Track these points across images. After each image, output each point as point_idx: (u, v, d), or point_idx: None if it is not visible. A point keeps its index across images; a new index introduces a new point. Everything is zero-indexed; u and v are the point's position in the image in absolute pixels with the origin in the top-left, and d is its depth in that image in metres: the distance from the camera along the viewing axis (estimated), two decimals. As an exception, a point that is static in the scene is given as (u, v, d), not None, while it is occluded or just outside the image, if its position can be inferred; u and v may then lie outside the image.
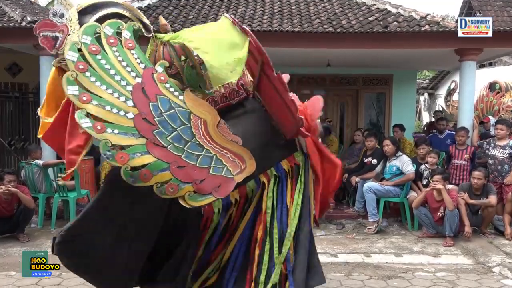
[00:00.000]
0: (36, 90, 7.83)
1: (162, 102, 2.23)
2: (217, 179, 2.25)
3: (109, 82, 2.16)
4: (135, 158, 2.05)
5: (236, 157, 2.36)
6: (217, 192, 2.24)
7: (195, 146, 2.25)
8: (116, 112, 2.11)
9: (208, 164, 2.25)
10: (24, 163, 6.18)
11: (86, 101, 2.07)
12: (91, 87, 2.10)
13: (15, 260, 4.65)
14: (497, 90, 9.38)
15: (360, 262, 4.65)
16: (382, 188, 5.96)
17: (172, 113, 2.24)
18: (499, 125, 6.14)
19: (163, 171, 2.10)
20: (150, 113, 2.18)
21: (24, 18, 6.65)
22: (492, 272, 4.43)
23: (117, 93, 2.15)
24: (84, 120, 2.04)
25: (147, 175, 2.06)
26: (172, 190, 2.11)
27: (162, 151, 2.14)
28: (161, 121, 2.18)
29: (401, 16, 6.95)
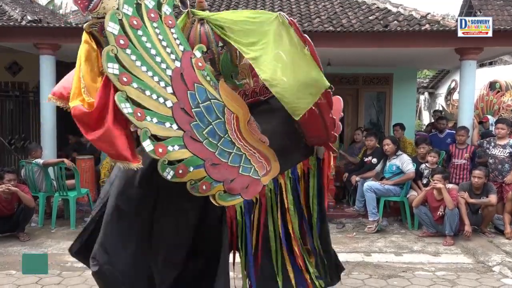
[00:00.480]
0: (36, 89, 7.83)
1: (199, 92, 2.08)
2: (246, 179, 2.18)
3: (149, 63, 1.96)
4: (173, 151, 1.93)
5: (263, 158, 2.30)
6: (245, 193, 2.17)
7: (227, 143, 2.14)
8: (156, 98, 1.94)
9: (238, 163, 2.16)
10: (24, 162, 6.18)
11: (126, 82, 1.87)
12: (131, 67, 1.90)
13: (15, 259, 4.66)
14: (497, 89, 9.38)
15: (360, 261, 4.65)
16: (382, 187, 5.96)
17: (208, 105, 2.10)
18: (500, 124, 6.14)
19: (198, 168, 2.00)
20: (188, 103, 2.03)
21: (24, 17, 6.65)
22: (492, 271, 4.43)
23: (157, 76, 1.97)
24: (124, 104, 1.85)
25: (183, 171, 1.95)
26: (205, 188, 2.02)
27: (198, 147, 2.02)
28: (198, 112, 2.05)
29: (401, 15, 6.94)
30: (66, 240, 5.36)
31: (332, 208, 6.64)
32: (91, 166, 7.00)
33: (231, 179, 2.12)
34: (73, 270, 4.37)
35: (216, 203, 2.08)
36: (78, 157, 7.00)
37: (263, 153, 2.31)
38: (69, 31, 6.57)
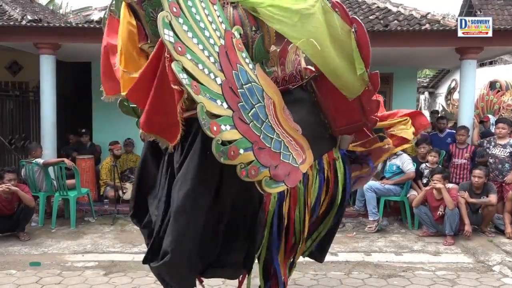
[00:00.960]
0: (36, 89, 7.83)
1: (242, 73, 2.01)
2: (287, 167, 2.11)
3: (199, 36, 1.88)
4: (225, 131, 1.85)
5: (298, 146, 2.24)
6: (288, 180, 2.10)
7: (268, 128, 2.08)
8: (208, 73, 1.86)
9: (279, 150, 2.09)
10: (24, 162, 6.19)
11: (181, 52, 1.78)
12: (184, 37, 1.82)
13: (15, 259, 4.66)
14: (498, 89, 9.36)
15: (360, 261, 4.65)
16: (383, 187, 5.96)
17: (250, 87, 2.03)
18: (500, 124, 6.14)
19: (247, 151, 1.92)
20: (234, 83, 1.95)
21: (24, 16, 6.65)
22: (492, 270, 4.43)
23: (207, 51, 1.89)
24: (182, 74, 1.75)
25: (234, 153, 1.86)
26: (253, 173, 1.94)
27: (246, 128, 1.94)
28: (242, 93, 1.98)
29: (401, 15, 6.94)
30: (66, 240, 5.37)
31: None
32: (91, 166, 7.01)
33: (275, 165, 2.04)
34: (73, 270, 4.37)
35: (262, 190, 2.00)
36: (78, 157, 7.00)
37: (298, 141, 2.26)
38: (69, 30, 6.57)
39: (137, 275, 4.23)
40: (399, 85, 9.09)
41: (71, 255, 4.84)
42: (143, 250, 4.95)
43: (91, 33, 6.39)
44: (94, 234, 5.64)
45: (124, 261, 4.63)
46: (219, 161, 1.85)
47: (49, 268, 4.42)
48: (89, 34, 6.43)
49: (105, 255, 4.84)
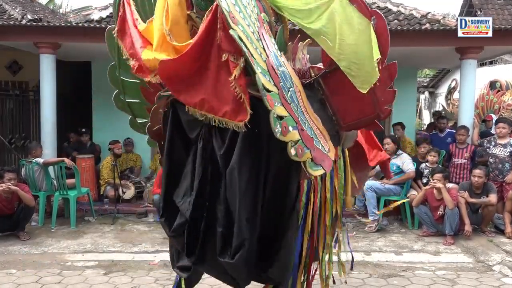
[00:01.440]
0: (36, 88, 7.83)
1: (275, 56, 2.01)
2: (320, 152, 2.10)
3: (244, 12, 1.89)
4: (277, 106, 1.85)
5: (322, 135, 2.24)
6: (324, 164, 2.08)
7: (301, 113, 2.07)
8: (255, 48, 1.84)
9: (311, 135, 2.09)
10: (24, 161, 6.19)
11: (235, 22, 1.78)
12: (233, 10, 1.82)
13: (15, 258, 4.67)
14: (498, 89, 9.37)
15: (360, 261, 4.64)
16: (383, 187, 5.96)
17: (284, 71, 2.03)
18: (501, 123, 6.14)
19: (294, 129, 1.93)
20: (274, 63, 1.95)
21: (24, 16, 6.65)
22: (492, 270, 4.42)
23: (251, 27, 1.89)
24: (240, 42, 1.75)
25: (286, 129, 1.87)
26: (300, 152, 1.94)
27: (290, 108, 1.94)
28: (280, 75, 1.97)
29: (401, 15, 6.94)
30: (66, 239, 5.37)
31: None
32: (92, 165, 7.01)
33: (313, 148, 2.05)
34: (73, 269, 4.37)
35: (307, 171, 2.01)
36: (78, 156, 7.01)
37: (320, 130, 2.26)
38: (69, 30, 6.57)
39: (137, 274, 4.23)
40: (399, 85, 8.92)
41: (71, 254, 4.84)
42: (143, 250, 4.96)
43: (91, 32, 6.39)
44: (94, 233, 5.64)
45: (124, 260, 4.63)
46: (275, 135, 1.84)
47: (49, 267, 4.42)
48: (89, 33, 6.43)
49: (105, 254, 4.84)
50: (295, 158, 1.93)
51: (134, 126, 3.06)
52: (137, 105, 2.90)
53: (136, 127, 3.05)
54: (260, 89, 1.77)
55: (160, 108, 2.54)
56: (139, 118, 2.94)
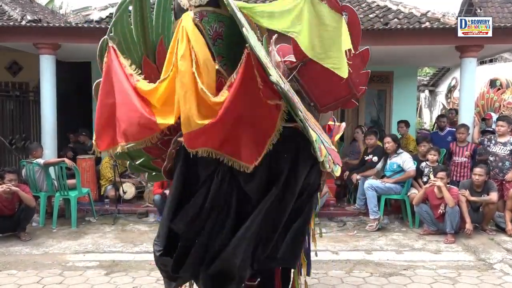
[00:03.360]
0: (36, 89, 7.83)
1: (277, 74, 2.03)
2: (332, 151, 2.19)
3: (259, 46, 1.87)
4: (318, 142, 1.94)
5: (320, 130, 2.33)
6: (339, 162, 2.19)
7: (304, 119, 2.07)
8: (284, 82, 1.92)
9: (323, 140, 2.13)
10: (25, 162, 6.18)
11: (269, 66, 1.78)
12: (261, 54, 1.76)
13: (16, 259, 4.67)
14: (498, 87, 9.37)
15: (361, 260, 4.65)
16: (383, 186, 5.96)
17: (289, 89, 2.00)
18: (500, 121, 6.14)
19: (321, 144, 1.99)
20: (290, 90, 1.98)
21: (24, 17, 6.65)
22: (493, 268, 4.42)
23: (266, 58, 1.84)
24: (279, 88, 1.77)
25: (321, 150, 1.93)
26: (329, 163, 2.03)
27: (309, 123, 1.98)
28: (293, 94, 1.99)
29: (401, 13, 6.93)
30: (67, 240, 5.37)
31: (332, 207, 6.65)
32: (92, 166, 7.01)
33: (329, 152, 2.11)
34: (74, 270, 4.37)
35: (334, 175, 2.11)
36: (79, 156, 7.01)
37: (318, 126, 2.36)
38: (69, 30, 6.57)
39: (138, 274, 4.24)
40: (399, 84, 9.09)
41: (72, 255, 4.84)
42: (144, 250, 4.96)
43: (91, 33, 6.39)
44: (95, 234, 5.65)
45: (125, 260, 4.63)
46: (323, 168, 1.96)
47: (50, 268, 4.42)
48: (89, 34, 6.42)
49: (106, 254, 4.85)
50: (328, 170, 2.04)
51: (134, 169, 2.90)
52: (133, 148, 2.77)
53: (137, 170, 2.90)
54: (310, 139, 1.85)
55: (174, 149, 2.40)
56: (137, 159, 2.76)
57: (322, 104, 2.85)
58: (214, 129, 1.83)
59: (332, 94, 2.80)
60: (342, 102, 2.87)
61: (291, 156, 2.13)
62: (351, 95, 2.77)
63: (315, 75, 2.67)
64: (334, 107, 2.93)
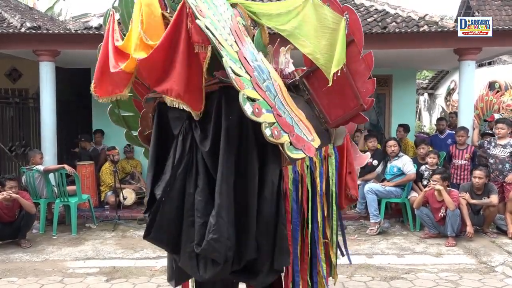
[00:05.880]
0: (36, 96, 7.84)
1: (249, 51, 2.15)
2: (301, 139, 2.20)
3: (214, 9, 2.06)
4: (247, 88, 1.96)
5: (306, 127, 2.33)
6: (305, 149, 2.17)
7: (280, 102, 2.19)
8: (225, 39, 1.99)
9: (291, 123, 2.19)
10: (25, 169, 6.18)
11: (202, 14, 1.93)
12: (202, 6, 1.98)
13: (16, 266, 4.66)
14: (497, 89, 9.40)
15: (363, 264, 4.64)
16: (383, 189, 5.96)
17: (259, 65, 2.16)
18: (500, 124, 6.14)
19: (268, 112, 2.03)
20: (247, 55, 2.09)
21: (23, 24, 6.67)
22: (494, 271, 4.41)
23: (222, 22, 2.04)
24: (206, 30, 1.89)
25: (258, 110, 1.98)
26: (276, 134, 2.04)
27: (264, 94, 2.06)
28: (254, 67, 2.10)
29: (399, 17, 6.96)
30: (67, 246, 5.36)
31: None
32: (92, 172, 7.01)
33: (292, 134, 2.14)
34: (75, 277, 4.36)
35: (285, 153, 2.08)
36: (79, 163, 7.01)
37: (304, 122, 2.34)
38: (68, 37, 6.60)
39: (139, 280, 4.22)
40: (398, 87, 9.10)
41: (73, 261, 4.83)
42: (144, 256, 4.95)
43: (90, 39, 6.41)
44: (95, 240, 5.64)
45: (126, 266, 4.62)
46: (246, 114, 1.93)
47: (50, 275, 4.41)
48: (88, 40, 6.45)
49: (107, 261, 4.84)
50: (271, 138, 2.01)
51: (129, 139, 3.10)
52: (132, 118, 2.94)
53: (131, 140, 3.08)
54: (227, 71, 1.89)
55: (149, 112, 2.60)
56: (134, 130, 2.95)
57: (332, 117, 2.73)
58: (147, 64, 2.12)
59: (339, 106, 2.68)
60: (350, 115, 2.70)
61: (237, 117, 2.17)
62: (358, 106, 2.62)
63: (323, 84, 2.57)
64: (344, 121, 2.77)
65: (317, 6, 2.46)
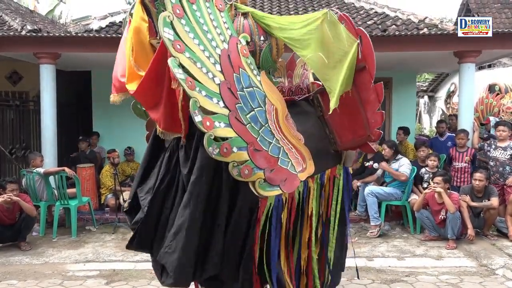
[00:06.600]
0: (36, 98, 7.85)
1: (244, 77, 2.10)
2: (284, 172, 2.15)
3: (201, 37, 2.01)
4: (219, 127, 1.92)
5: (299, 155, 2.28)
6: (284, 185, 2.13)
7: (268, 132, 2.14)
8: (206, 72, 1.95)
9: (277, 155, 2.14)
10: (25, 172, 6.18)
11: (180, 50, 1.90)
12: (184, 37, 1.93)
13: (16, 269, 4.65)
14: (497, 92, 9.40)
15: (363, 266, 4.62)
16: (384, 192, 5.96)
17: (251, 91, 2.11)
18: (501, 126, 6.14)
19: (241, 150, 1.98)
20: (234, 85, 2.04)
21: (24, 27, 6.69)
22: (495, 274, 4.40)
23: (207, 52, 2.00)
24: (178, 70, 1.86)
25: (227, 150, 1.93)
26: (247, 173, 1.99)
27: (242, 129, 2.01)
28: (242, 96, 2.06)
29: (399, 20, 6.97)
30: (67, 249, 5.35)
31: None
32: (92, 174, 7.01)
33: (271, 169, 2.08)
34: (75, 279, 4.35)
35: (256, 192, 2.04)
36: (79, 165, 7.00)
37: (299, 149, 2.29)
38: (69, 40, 6.61)
39: (139, 283, 4.22)
40: (398, 90, 9.11)
41: (73, 264, 4.82)
42: (144, 259, 4.93)
43: (91, 42, 6.43)
44: (95, 243, 5.63)
45: (126, 269, 4.61)
46: (211, 156, 1.90)
47: (50, 278, 4.40)
48: (89, 43, 6.46)
49: (107, 264, 4.83)
50: (238, 178, 2.00)
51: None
52: None
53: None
54: (191, 112, 1.86)
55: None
56: None
57: (342, 140, 2.68)
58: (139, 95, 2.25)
59: (349, 131, 2.63)
60: (358, 142, 2.65)
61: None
62: (366, 136, 2.56)
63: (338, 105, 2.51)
64: (351, 146, 2.72)
65: (334, 24, 2.43)
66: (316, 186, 2.62)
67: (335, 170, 2.76)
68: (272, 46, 2.52)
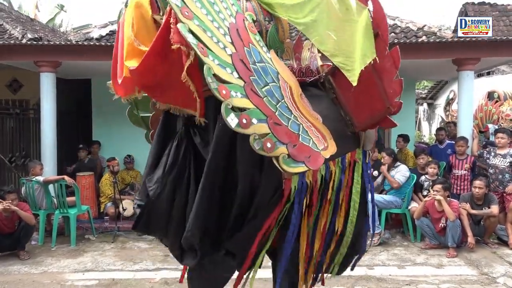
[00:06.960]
0: (36, 107, 7.86)
1: (254, 52, 1.98)
2: (307, 149, 1.99)
3: (208, 8, 1.92)
4: (236, 97, 1.77)
5: (319, 133, 2.13)
6: (309, 162, 1.97)
7: (285, 108, 1.99)
8: (216, 42, 1.84)
9: (297, 131, 1.99)
10: (24, 180, 6.17)
11: (188, 16, 1.79)
12: (191, 5, 1.83)
13: (15, 278, 4.62)
14: (496, 99, 9.42)
15: (363, 275, 4.60)
16: (383, 200, 5.95)
17: (264, 66, 1.99)
18: (500, 133, 6.14)
19: (261, 122, 1.82)
20: (246, 57, 1.92)
21: (24, 35, 6.72)
22: (496, 282, 4.38)
23: (216, 23, 1.90)
24: (188, 34, 1.74)
25: (246, 121, 1.77)
26: (269, 146, 1.83)
27: (260, 101, 1.86)
28: (255, 69, 1.92)
29: (398, 28, 7.01)
30: (66, 258, 5.32)
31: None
32: (92, 183, 7.00)
33: (294, 144, 1.93)
34: (74, 289, 4.33)
35: (280, 167, 1.88)
36: (79, 174, 6.99)
37: (318, 128, 2.14)
38: (70, 48, 6.63)
39: (138, 293, 4.19)
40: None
41: (72, 273, 4.80)
42: (144, 268, 4.92)
43: (91, 50, 6.45)
44: (95, 252, 5.60)
45: (125, 279, 4.58)
46: (230, 127, 1.74)
47: (49, 287, 4.38)
48: (89, 51, 6.49)
49: (106, 273, 4.80)
50: (261, 152, 1.82)
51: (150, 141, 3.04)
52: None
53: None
54: (206, 80, 1.72)
55: (159, 115, 2.58)
56: None
57: (360, 119, 2.48)
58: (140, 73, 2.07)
59: (366, 108, 2.43)
60: (377, 118, 2.45)
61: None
62: (385, 109, 2.38)
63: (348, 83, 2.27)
64: (372, 124, 2.53)
65: None
66: (338, 170, 2.45)
67: (354, 154, 2.57)
68: (278, 26, 2.41)
